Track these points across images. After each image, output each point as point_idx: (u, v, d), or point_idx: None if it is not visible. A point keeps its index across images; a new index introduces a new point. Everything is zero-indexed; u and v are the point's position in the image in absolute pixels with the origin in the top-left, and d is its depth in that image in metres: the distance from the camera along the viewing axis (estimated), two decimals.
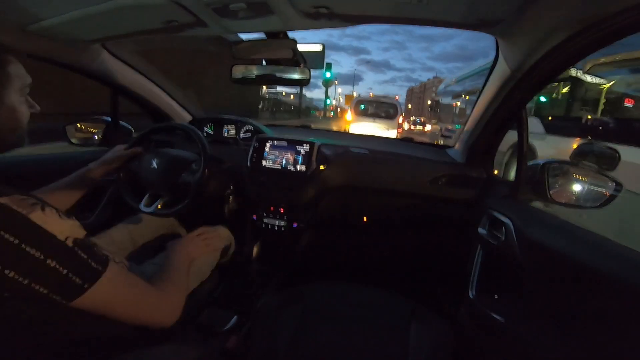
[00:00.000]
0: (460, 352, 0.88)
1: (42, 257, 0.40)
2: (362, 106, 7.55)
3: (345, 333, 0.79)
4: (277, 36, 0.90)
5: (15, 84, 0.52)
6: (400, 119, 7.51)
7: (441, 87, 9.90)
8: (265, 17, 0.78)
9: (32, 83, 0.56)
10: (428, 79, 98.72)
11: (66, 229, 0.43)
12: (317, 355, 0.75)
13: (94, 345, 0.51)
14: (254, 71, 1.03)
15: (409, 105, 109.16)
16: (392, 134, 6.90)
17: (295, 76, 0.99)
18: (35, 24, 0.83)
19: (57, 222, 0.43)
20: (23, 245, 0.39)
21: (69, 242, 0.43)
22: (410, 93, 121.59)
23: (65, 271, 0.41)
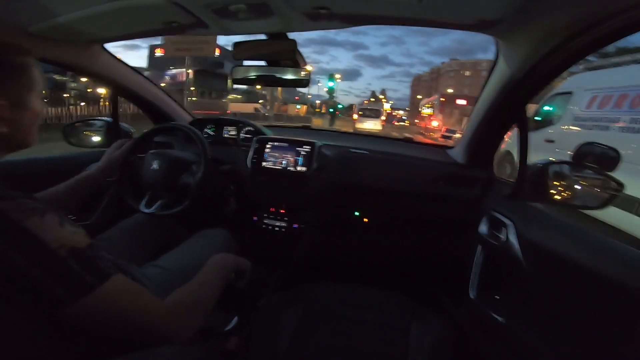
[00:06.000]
0: (460, 352, 0.88)
1: (26, 265, 0.39)
2: (361, 111, 17.51)
3: (345, 333, 0.79)
4: (277, 37, 0.90)
5: (37, 88, 0.53)
6: (383, 117, 18.03)
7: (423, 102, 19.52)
8: (265, 18, 0.78)
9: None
10: (443, 62, 74.16)
11: (63, 238, 0.42)
12: (317, 356, 0.75)
13: (92, 346, 0.51)
14: (254, 72, 1.03)
15: (418, 96, 77.96)
16: (378, 126, 16.83)
17: (296, 77, 0.99)
18: (36, 24, 0.83)
19: (54, 230, 0.42)
20: (10, 252, 0.39)
21: (62, 252, 0.41)
22: (417, 82, 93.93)
23: (49, 282, 0.40)
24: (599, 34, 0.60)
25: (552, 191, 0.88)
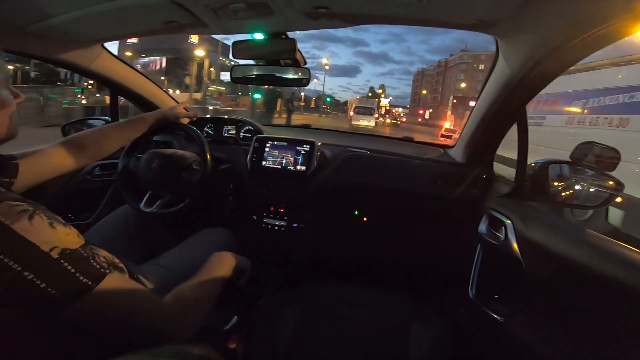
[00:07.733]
0: (460, 351, 0.88)
1: (19, 268, 0.38)
2: (356, 110, 18.70)
3: (345, 332, 0.79)
4: (277, 36, 0.90)
5: (0, 78, 0.51)
6: (376, 115, 20.76)
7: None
8: (265, 17, 0.78)
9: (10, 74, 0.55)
10: (451, 55, 62.28)
11: (55, 239, 0.41)
12: (317, 354, 0.75)
13: (91, 345, 0.51)
14: (254, 71, 1.03)
15: (424, 92, 76.18)
16: (372, 123, 18.21)
17: (296, 76, 0.99)
18: (36, 23, 0.83)
19: (44, 232, 0.41)
20: (2, 257, 0.38)
21: (54, 254, 0.40)
22: (421, 77, 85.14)
23: (43, 284, 0.39)
24: (598, 34, 0.60)
25: (551, 190, 0.88)
